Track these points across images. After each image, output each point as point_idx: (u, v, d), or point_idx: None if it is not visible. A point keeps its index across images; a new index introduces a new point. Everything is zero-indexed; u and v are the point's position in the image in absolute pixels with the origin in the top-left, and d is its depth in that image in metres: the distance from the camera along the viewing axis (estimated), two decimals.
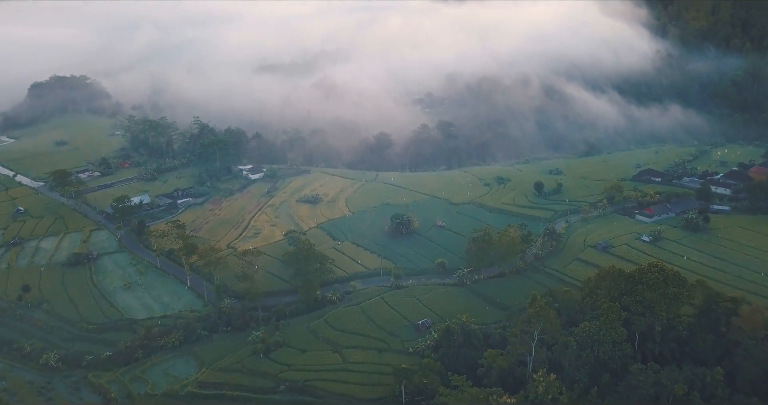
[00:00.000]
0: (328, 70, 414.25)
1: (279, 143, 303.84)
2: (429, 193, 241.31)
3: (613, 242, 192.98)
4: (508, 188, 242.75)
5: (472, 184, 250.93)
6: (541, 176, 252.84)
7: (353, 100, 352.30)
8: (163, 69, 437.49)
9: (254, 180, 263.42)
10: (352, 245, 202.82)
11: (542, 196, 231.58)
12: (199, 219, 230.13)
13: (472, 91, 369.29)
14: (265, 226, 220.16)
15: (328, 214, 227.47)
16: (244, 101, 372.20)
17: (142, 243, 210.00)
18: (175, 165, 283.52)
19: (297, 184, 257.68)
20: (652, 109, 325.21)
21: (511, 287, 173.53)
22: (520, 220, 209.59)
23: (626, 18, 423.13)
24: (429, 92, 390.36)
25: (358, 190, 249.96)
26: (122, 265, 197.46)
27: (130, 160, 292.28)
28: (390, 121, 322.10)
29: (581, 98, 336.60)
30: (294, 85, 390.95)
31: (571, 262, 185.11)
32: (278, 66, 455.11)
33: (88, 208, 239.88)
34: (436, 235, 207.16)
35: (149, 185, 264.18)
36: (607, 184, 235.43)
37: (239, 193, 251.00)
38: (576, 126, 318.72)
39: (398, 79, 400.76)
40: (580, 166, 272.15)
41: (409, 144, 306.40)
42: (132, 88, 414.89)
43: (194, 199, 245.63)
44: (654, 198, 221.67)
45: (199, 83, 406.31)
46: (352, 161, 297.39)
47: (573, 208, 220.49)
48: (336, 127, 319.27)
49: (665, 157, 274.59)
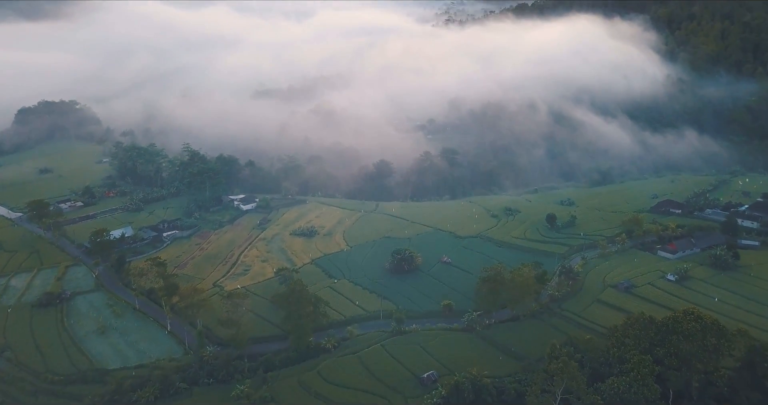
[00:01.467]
0: (327, 96, 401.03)
1: (273, 171, 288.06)
2: (433, 226, 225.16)
3: (635, 281, 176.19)
4: (517, 220, 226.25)
5: (479, 215, 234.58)
6: (553, 207, 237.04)
7: (352, 126, 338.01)
8: (156, 94, 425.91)
9: (246, 211, 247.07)
10: (350, 284, 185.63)
11: (555, 229, 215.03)
12: (185, 254, 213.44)
13: (476, 117, 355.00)
14: (256, 261, 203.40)
15: (323, 248, 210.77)
16: (239, 127, 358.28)
17: (121, 281, 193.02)
18: (163, 194, 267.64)
19: (291, 216, 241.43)
20: (666, 136, 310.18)
21: (525, 333, 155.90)
22: (532, 256, 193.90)
23: (634, 42, 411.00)
24: (431, 118, 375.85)
25: (357, 222, 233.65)
26: (97, 306, 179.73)
27: (116, 189, 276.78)
28: (391, 148, 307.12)
29: (591, 124, 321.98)
30: (291, 111, 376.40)
31: (590, 304, 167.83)
32: (275, 91, 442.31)
33: (66, 241, 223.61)
34: (442, 272, 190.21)
35: (134, 216, 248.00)
36: (624, 216, 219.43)
37: (229, 226, 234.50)
38: (586, 153, 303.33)
39: (399, 105, 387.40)
40: (592, 197, 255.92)
41: (410, 172, 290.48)
42: (124, 114, 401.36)
43: (181, 232, 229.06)
44: (676, 232, 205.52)
45: (194, 109, 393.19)
46: (351, 190, 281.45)
47: (589, 243, 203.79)
48: (334, 154, 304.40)
49: (683, 187, 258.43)
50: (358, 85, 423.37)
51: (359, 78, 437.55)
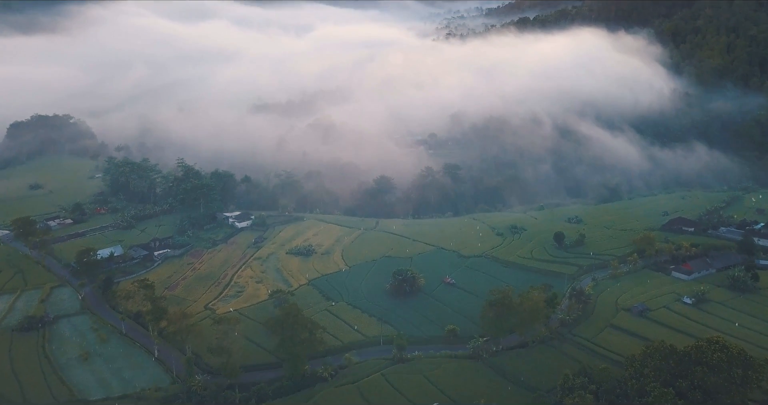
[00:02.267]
0: (326, 110, 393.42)
1: (270, 187, 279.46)
2: (435, 244, 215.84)
3: (650, 305, 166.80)
4: (524, 239, 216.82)
5: (483, 233, 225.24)
6: (560, 225, 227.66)
7: (352, 141, 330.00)
8: (152, 108, 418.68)
9: (241, 228, 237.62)
10: (348, 307, 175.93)
11: (563, 248, 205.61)
12: (177, 274, 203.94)
13: (478, 131, 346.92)
14: (250, 282, 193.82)
15: (321, 268, 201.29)
16: (236, 142, 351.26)
17: (108, 303, 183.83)
18: (156, 211, 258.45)
19: (288, 233, 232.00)
20: (675, 151, 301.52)
21: (536, 361, 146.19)
22: (540, 277, 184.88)
23: (639, 55, 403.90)
24: (432, 133, 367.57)
25: (356, 240, 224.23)
26: (82, 331, 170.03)
27: (107, 206, 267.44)
28: (391, 163, 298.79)
29: (597, 138, 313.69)
30: (289, 126, 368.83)
31: (603, 329, 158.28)
32: (274, 106, 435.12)
33: (53, 260, 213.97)
34: (445, 294, 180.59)
35: (125, 234, 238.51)
36: (635, 234, 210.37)
37: (223, 244, 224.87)
38: (593, 168, 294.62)
39: (400, 119, 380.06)
40: (601, 214, 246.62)
41: (412, 188, 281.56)
42: (119, 128, 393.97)
43: (173, 251, 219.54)
44: (690, 251, 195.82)
45: (190, 123, 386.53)
46: (350, 207, 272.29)
47: (599, 263, 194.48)
48: (333, 169, 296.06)
49: (694, 204, 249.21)
50: (357, 99, 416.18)
51: (359, 92, 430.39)
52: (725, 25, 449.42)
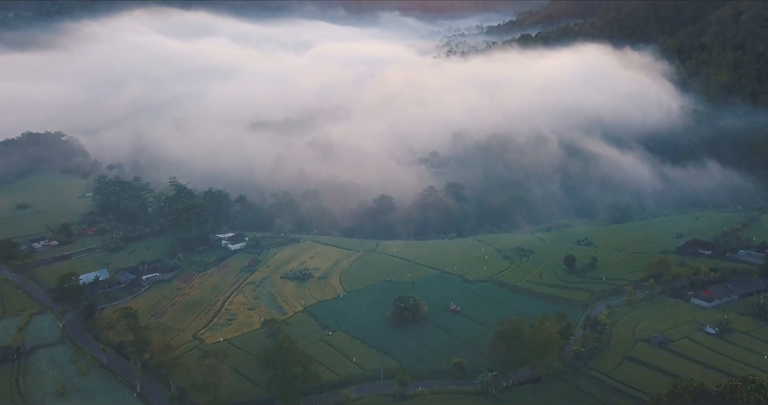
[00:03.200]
0: (325, 128, 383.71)
1: (266, 207, 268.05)
2: (439, 268, 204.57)
3: (670, 335, 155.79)
4: (532, 262, 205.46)
5: (489, 256, 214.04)
6: (570, 248, 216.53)
7: (351, 159, 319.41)
8: (148, 126, 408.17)
9: (234, 251, 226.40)
10: (346, 336, 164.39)
11: (574, 272, 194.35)
12: (165, 300, 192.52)
13: (481, 149, 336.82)
14: (242, 309, 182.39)
15: (318, 293, 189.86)
16: (233, 160, 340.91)
17: (90, 332, 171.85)
18: (146, 233, 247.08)
19: (284, 256, 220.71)
20: (687, 169, 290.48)
21: (550, 398, 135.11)
22: (550, 304, 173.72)
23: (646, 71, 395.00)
24: (434, 151, 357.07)
25: (355, 264, 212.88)
26: (60, 362, 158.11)
27: (95, 227, 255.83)
28: (392, 182, 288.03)
29: (606, 156, 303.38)
30: (287, 144, 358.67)
31: (621, 362, 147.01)
32: (272, 123, 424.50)
33: (35, 285, 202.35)
34: (450, 322, 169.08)
35: (112, 257, 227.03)
36: (649, 257, 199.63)
37: (215, 268, 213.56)
38: (601, 187, 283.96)
39: (400, 137, 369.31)
40: (611, 235, 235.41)
41: (413, 208, 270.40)
42: (113, 146, 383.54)
43: (162, 275, 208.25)
44: (709, 276, 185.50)
45: (186, 141, 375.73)
46: (349, 228, 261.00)
47: (613, 289, 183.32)
48: (332, 189, 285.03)
49: (709, 225, 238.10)
50: (357, 117, 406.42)
51: (359, 109, 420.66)
52: (731, 42, 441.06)
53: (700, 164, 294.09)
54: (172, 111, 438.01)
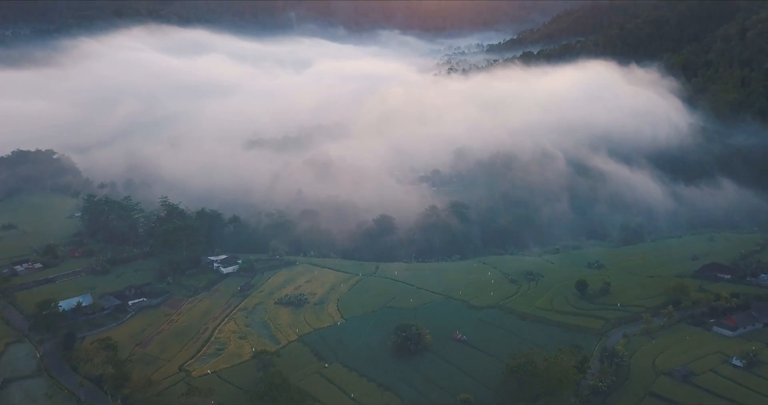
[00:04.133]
0: (324, 146, 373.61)
1: (261, 228, 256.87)
2: (442, 293, 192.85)
3: (693, 368, 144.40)
4: (541, 287, 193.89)
5: (495, 280, 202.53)
6: (580, 271, 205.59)
7: (350, 178, 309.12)
8: (142, 144, 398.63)
9: (226, 274, 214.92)
10: (343, 369, 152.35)
11: (586, 298, 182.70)
12: (151, 327, 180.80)
13: (484, 167, 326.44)
14: (232, 338, 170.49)
15: (313, 321, 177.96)
16: (229, 179, 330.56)
17: (69, 363, 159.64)
18: (135, 255, 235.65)
19: (278, 280, 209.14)
20: (700, 188, 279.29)
21: None
22: (563, 332, 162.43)
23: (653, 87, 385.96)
24: (436, 169, 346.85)
25: (354, 288, 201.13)
26: (34, 397, 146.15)
27: (83, 248, 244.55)
28: (393, 201, 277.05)
29: (615, 174, 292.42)
30: (285, 162, 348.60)
31: (642, 398, 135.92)
32: (270, 141, 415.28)
33: (14, 310, 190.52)
34: (456, 353, 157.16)
35: (98, 280, 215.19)
36: (665, 282, 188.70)
37: (206, 292, 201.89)
38: (611, 207, 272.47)
39: (401, 155, 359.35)
40: (623, 258, 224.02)
41: (415, 229, 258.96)
42: (106, 165, 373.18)
43: (149, 300, 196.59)
44: (730, 302, 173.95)
45: (181, 159, 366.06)
46: (348, 249, 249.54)
47: (628, 316, 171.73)
48: (330, 208, 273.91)
49: (725, 247, 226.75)
50: (357, 134, 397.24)
51: (358, 127, 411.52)
52: (738, 59, 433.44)
53: (712, 183, 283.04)
54: (167, 129, 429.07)
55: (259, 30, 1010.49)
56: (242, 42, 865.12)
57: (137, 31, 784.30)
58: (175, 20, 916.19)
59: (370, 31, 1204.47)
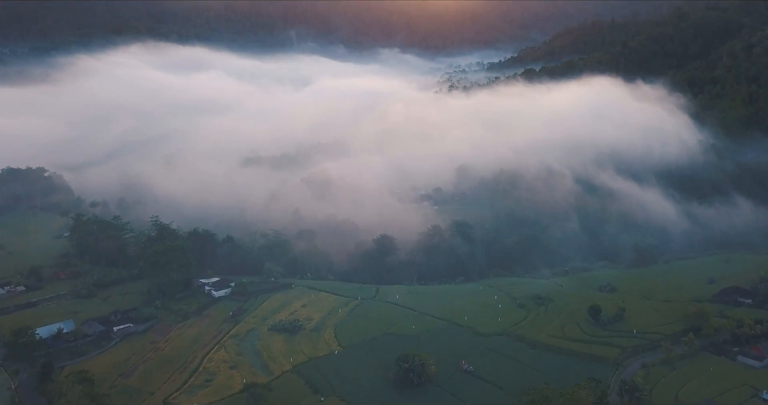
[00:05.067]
0: (324, 164, 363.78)
1: (256, 249, 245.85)
2: (446, 319, 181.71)
3: (720, 402, 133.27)
4: (551, 312, 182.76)
5: (503, 304, 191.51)
6: (592, 295, 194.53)
7: (350, 196, 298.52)
8: (136, 162, 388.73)
9: (218, 298, 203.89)
10: (341, 403, 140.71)
11: (600, 324, 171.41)
12: (136, 355, 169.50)
13: (488, 186, 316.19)
14: (222, 368, 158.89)
15: (309, 349, 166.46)
16: (225, 197, 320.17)
17: (45, 395, 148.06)
18: (123, 277, 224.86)
19: (272, 304, 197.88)
20: (714, 207, 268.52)
21: None
22: (577, 362, 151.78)
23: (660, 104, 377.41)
24: (437, 187, 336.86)
25: (352, 313, 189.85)
26: None
27: (69, 270, 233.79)
28: (393, 221, 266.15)
29: (624, 192, 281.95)
30: (282, 180, 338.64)
31: None
32: (268, 159, 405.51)
33: None
34: (462, 386, 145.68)
35: (83, 304, 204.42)
36: (682, 307, 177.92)
37: (195, 317, 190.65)
38: (621, 227, 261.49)
39: (402, 173, 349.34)
40: (636, 281, 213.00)
41: (417, 249, 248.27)
42: (99, 183, 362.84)
43: (135, 326, 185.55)
44: (755, 329, 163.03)
45: (176, 177, 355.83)
46: (346, 271, 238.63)
47: (646, 344, 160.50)
48: (328, 228, 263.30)
49: (742, 269, 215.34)
50: (356, 152, 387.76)
51: (358, 144, 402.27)
52: (745, 75, 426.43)
53: (726, 201, 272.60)
54: (162, 146, 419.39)
55: (258, 48, 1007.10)
56: (241, 60, 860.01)
57: (135, 48, 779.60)
58: (174, 38, 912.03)
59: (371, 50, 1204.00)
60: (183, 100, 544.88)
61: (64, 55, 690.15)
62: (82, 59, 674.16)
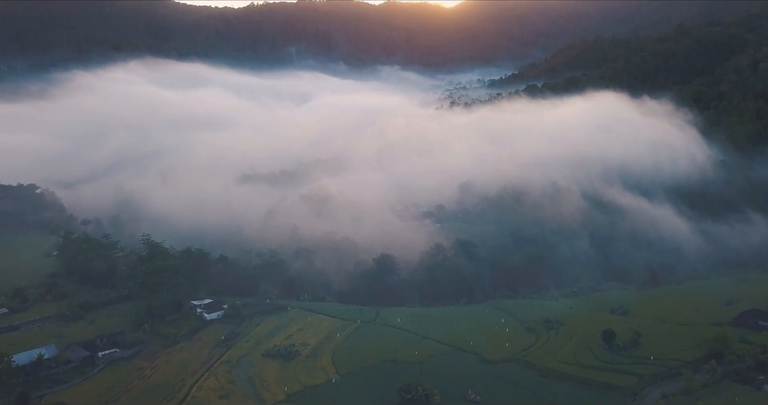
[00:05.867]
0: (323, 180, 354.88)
1: (251, 268, 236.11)
2: (451, 344, 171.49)
3: None
4: (562, 337, 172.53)
5: (510, 328, 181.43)
6: (604, 318, 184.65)
7: (349, 214, 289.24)
8: (132, 178, 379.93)
9: (210, 321, 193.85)
10: None
11: (615, 350, 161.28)
12: (120, 384, 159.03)
13: (492, 202, 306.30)
14: (212, 397, 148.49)
15: (305, 377, 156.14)
16: (222, 215, 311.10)
17: None
18: (111, 298, 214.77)
19: (267, 328, 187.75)
20: (725, 224, 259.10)
21: None
22: (591, 391, 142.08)
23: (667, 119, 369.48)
24: (440, 204, 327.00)
25: (351, 338, 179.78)
26: None
27: (56, 291, 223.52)
28: (394, 239, 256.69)
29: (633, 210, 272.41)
30: (280, 197, 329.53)
31: None
32: (266, 175, 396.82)
33: None
34: None
35: (69, 328, 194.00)
36: (702, 331, 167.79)
37: (186, 342, 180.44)
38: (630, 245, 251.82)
39: (403, 189, 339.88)
40: (649, 303, 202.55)
41: (419, 269, 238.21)
42: (93, 200, 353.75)
43: (122, 351, 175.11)
44: None
45: (172, 194, 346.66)
46: (345, 292, 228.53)
47: (664, 371, 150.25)
48: (326, 247, 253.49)
49: (760, 290, 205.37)
50: (356, 168, 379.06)
51: (358, 160, 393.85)
52: (752, 91, 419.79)
53: (740, 218, 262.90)
54: (159, 162, 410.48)
55: (258, 65, 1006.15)
56: (241, 76, 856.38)
57: (134, 64, 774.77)
58: (174, 55, 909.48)
59: (371, 67, 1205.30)
60: (180, 115, 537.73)
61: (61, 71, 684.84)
62: (80, 75, 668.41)
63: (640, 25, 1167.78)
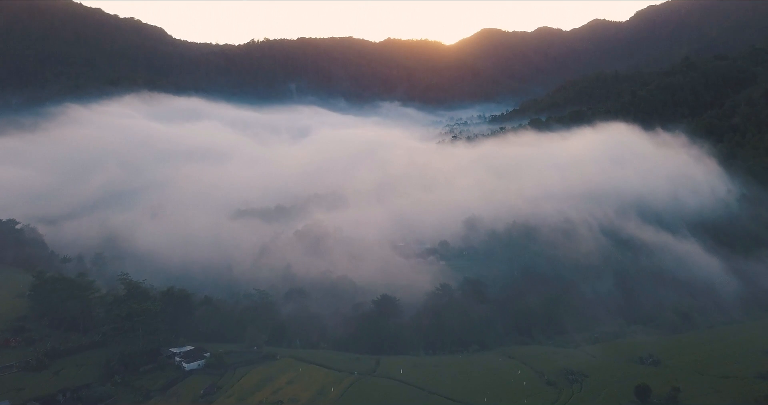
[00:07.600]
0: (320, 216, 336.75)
1: (238, 311, 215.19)
2: (461, 400, 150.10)
3: None
4: (588, 392, 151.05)
5: (528, 381, 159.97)
6: (633, 368, 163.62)
7: (347, 251, 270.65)
8: (119, 214, 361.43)
9: (189, 371, 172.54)
10: None
11: None
12: None
13: (500, 239, 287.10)
14: None
15: None
16: (212, 252, 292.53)
17: None
18: (82, 345, 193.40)
19: (252, 380, 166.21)
20: (758, 262, 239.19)
21: None
22: None
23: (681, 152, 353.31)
24: (444, 241, 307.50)
25: (347, 393, 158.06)
26: None
27: (23, 336, 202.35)
28: (396, 278, 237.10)
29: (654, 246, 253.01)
30: (274, 233, 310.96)
31: None
32: (261, 211, 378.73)
33: None
34: None
35: (31, 379, 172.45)
36: (747, 385, 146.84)
37: (159, 396, 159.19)
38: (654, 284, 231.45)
39: (404, 225, 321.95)
40: (681, 350, 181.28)
41: (423, 312, 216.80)
42: (77, 236, 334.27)
43: None
44: None
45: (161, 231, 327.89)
46: (342, 338, 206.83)
47: None
48: (322, 287, 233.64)
49: None
50: (355, 203, 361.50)
51: (357, 195, 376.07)
52: (766, 123, 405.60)
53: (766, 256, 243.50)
54: (148, 197, 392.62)
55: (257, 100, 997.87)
56: (238, 110, 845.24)
57: (129, 98, 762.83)
58: (172, 90, 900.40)
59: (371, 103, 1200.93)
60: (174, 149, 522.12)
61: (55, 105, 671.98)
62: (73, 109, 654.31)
63: (639, 62, 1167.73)
